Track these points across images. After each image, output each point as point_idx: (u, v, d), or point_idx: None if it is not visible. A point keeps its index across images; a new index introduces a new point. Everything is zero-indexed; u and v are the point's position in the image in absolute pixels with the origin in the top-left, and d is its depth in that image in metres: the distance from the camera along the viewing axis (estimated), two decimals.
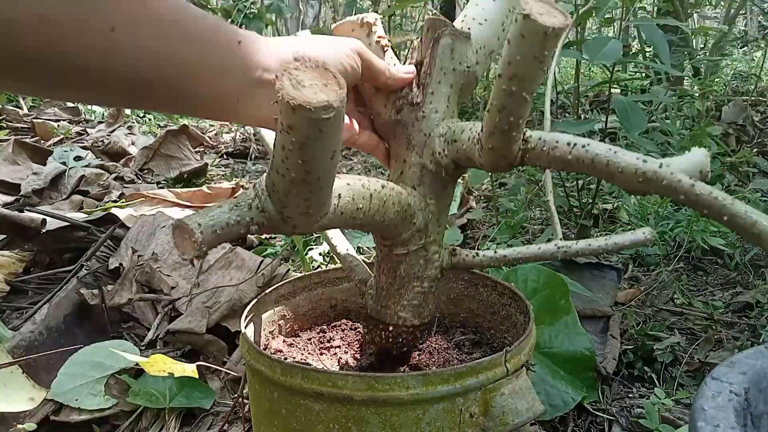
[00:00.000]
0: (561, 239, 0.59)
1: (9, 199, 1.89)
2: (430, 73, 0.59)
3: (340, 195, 0.50)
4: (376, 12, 3.30)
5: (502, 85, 0.45)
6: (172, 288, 1.31)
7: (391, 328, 0.65)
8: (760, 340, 1.17)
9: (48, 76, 0.40)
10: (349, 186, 0.51)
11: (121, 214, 1.58)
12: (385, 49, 0.61)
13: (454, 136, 0.56)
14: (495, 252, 0.61)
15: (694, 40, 3.48)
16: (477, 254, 0.62)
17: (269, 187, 0.45)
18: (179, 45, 0.44)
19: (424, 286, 0.64)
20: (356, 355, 0.76)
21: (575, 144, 0.46)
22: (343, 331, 0.83)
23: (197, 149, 2.84)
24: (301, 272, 1.40)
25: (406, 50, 4.38)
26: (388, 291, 0.64)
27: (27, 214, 1.54)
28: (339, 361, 0.74)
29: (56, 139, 2.88)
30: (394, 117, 0.60)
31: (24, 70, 0.39)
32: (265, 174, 0.46)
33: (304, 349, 0.78)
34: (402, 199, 0.57)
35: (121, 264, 1.37)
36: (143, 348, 1.20)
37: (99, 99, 0.48)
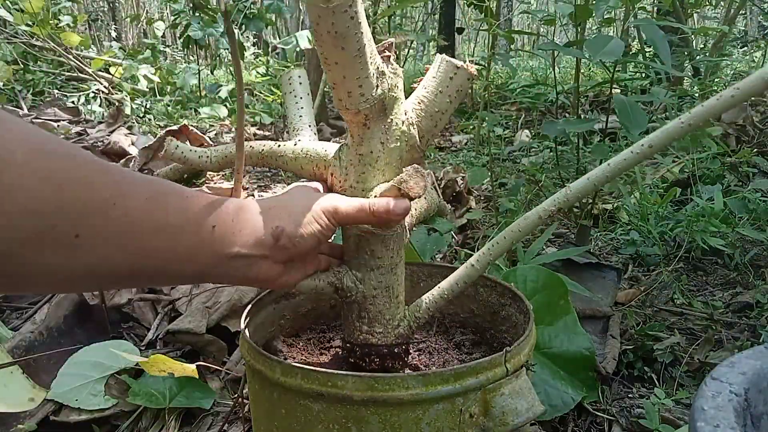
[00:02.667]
0: None
1: None
2: None
3: None
4: (376, 12, 3.29)
5: None
6: (172, 288, 1.31)
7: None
8: (760, 340, 1.17)
9: (11, 281, 0.41)
10: None
11: None
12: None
13: None
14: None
15: (694, 40, 3.49)
16: None
17: None
18: (148, 238, 0.45)
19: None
20: None
21: None
22: (343, 331, 0.83)
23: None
24: None
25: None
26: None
27: None
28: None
29: None
30: None
31: None
32: None
33: (304, 349, 0.78)
34: None
35: None
36: (143, 348, 1.20)
37: (62, 290, 0.51)
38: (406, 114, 0.59)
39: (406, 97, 0.61)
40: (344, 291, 0.63)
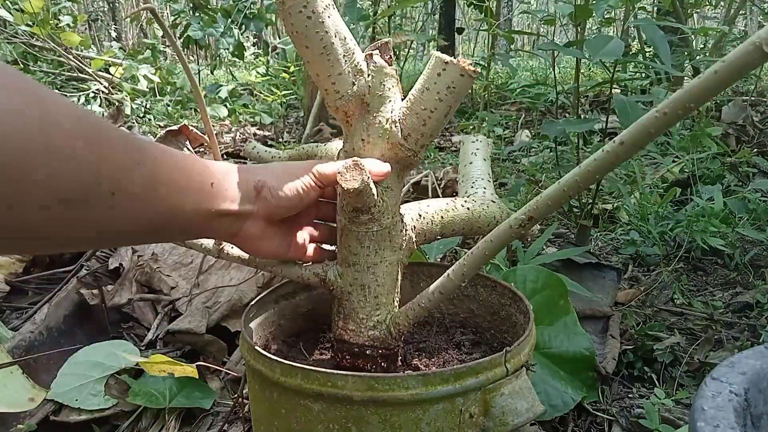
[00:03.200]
0: None
1: None
2: None
3: None
4: (376, 12, 3.28)
5: None
6: (172, 288, 1.31)
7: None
8: (760, 340, 1.17)
9: (54, 239, 0.46)
10: None
11: None
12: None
13: None
14: None
15: (694, 40, 3.49)
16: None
17: None
18: (164, 196, 0.50)
19: None
20: None
21: None
22: None
23: (197, 149, 2.84)
24: None
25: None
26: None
27: None
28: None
29: None
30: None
31: (34, 242, 0.45)
32: None
33: (304, 349, 0.78)
34: None
35: (121, 264, 1.37)
36: (143, 348, 1.20)
37: (89, 247, 0.57)
38: (392, 112, 0.59)
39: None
40: (327, 283, 0.65)
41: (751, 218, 1.66)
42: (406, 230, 0.65)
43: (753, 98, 3.22)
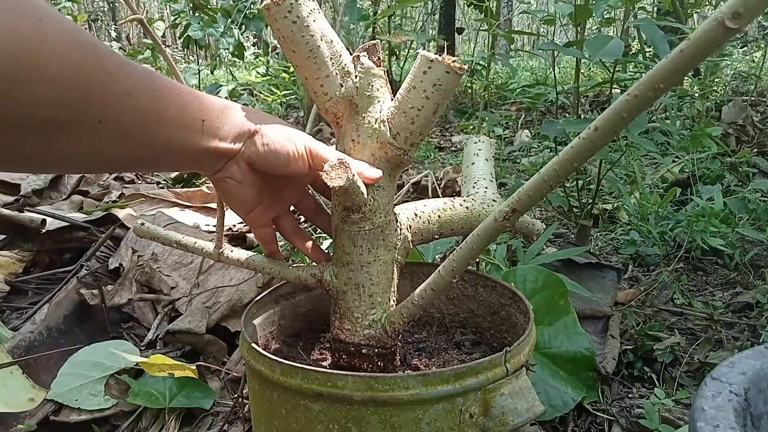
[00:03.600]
0: None
1: (9, 199, 1.89)
2: None
3: None
4: (376, 12, 3.27)
5: None
6: (172, 288, 1.31)
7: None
8: (760, 340, 1.17)
9: (37, 161, 0.46)
10: None
11: (121, 214, 1.58)
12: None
13: None
14: None
15: None
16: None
17: None
18: (153, 128, 0.49)
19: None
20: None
21: None
22: None
23: None
24: None
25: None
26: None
27: (27, 214, 1.55)
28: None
29: None
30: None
31: (17, 160, 0.44)
32: None
33: (304, 349, 0.78)
34: None
35: (121, 264, 1.37)
36: (143, 348, 1.20)
37: (78, 171, 0.56)
38: (381, 112, 0.59)
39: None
40: (324, 284, 0.66)
41: (751, 218, 1.66)
42: (401, 229, 0.65)
43: (753, 98, 3.22)
